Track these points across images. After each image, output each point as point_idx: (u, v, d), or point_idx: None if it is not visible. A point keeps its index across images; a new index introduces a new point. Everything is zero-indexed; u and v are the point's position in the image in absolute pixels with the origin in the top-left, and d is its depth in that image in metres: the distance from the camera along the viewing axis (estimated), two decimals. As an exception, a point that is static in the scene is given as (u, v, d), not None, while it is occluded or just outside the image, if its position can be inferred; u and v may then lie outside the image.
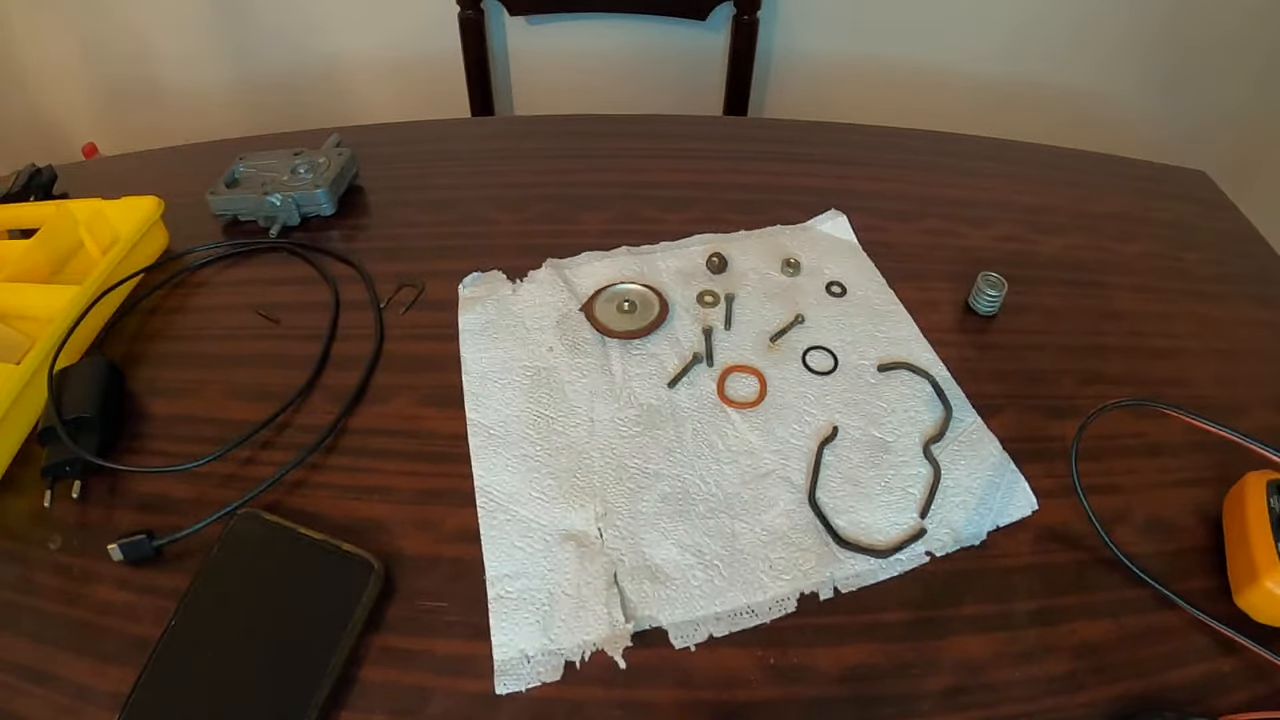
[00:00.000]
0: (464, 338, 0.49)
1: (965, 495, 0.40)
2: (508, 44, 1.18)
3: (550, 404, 0.45)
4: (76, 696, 0.34)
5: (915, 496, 0.40)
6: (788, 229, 0.57)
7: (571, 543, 0.38)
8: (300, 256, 0.56)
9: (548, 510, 0.40)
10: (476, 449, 0.43)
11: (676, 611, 0.36)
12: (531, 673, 0.34)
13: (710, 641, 0.35)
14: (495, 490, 0.41)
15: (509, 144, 0.69)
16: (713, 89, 1.15)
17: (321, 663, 0.33)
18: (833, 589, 0.37)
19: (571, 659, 0.34)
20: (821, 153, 0.66)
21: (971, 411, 0.44)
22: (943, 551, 0.38)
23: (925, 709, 0.33)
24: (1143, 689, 0.33)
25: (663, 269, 0.53)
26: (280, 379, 0.47)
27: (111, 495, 0.41)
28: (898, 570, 0.37)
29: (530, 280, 0.53)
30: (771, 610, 0.36)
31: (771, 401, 0.45)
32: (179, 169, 0.67)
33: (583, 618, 0.36)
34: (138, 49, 1.21)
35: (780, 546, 0.38)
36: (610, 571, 0.37)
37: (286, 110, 1.26)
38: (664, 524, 0.39)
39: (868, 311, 0.50)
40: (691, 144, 0.68)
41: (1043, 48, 1.10)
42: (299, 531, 0.37)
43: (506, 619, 0.36)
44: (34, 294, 0.50)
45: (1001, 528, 0.39)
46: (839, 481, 0.41)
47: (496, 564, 0.38)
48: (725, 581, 0.37)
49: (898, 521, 0.39)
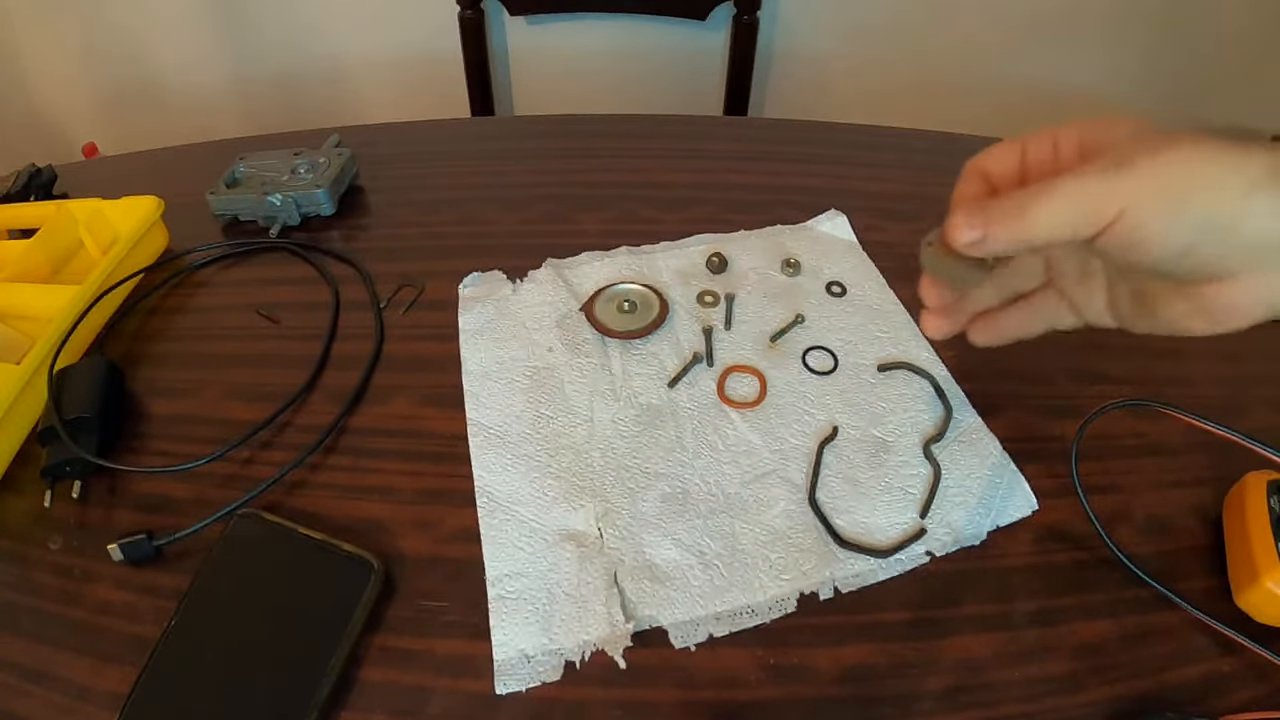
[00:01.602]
0: (464, 337, 0.49)
1: (965, 495, 0.40)
2: (508, 44, 1.18)
3: (550, 404, 0.45)
4: (76, 696, 0.34)
5: (915, 496, 0.40)
6: (788, 229, 0.57)
7: (571, 542, 0.38)
8: (300, 256, 0.56)
9: (548, 510, 0.40)
10: (476, 449, 0.43)
11: (677, 611, 0.36)
12: (531, 673, 0.34)
13: (710, 641, 0.35)
14: (495, 490, 0.41)
15: (509, 144, 0.69)
16: (713, 89, 1.15)
17: (321, 663, 0.33)
18: (833, 589, 0.37)
19: (572, 659, 0.34)
20: (821, 153, 0.66)
21: (971, 411, 0.44)
22: (943, 551, 0.38)
23: (925, 709, 0.33)
24: (1143, 689, 0.33)
25: (663, 269, 0.53)
26: (280, 379, 0.47)
27: (111, 495, 0.41)
28: (898, 570, 0.37)
29: (530, 280, 0.53)
30: (771, 610, 0.36)
31: (771, 401, 0.45)
32: (179, 169, 0.67)
33: (583, 618, 0.35)
34: (138, 49, 1.21)
35: (780, 546, 0.38)
36: (610, 571, 0.37)
37: (286, 110, 1.26)
38: (664, 524, 0.39)
39: (868, 311, 0.50)
40: (691, 144, 0.68)
41: (1044, 47, 1.10)
42: (299, 531, 0.37)
43: (506, 619, 0.36)
44: (34, 294, 0.50)
45: (1002, 528, 0.39)
46: (839, 481, 0.41)
47: (496, 564, 0.38)
48: (725, 581, 0.37)
49: (898, 521, 0.39)
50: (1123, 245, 0.27)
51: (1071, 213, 0.27)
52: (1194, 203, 0.26)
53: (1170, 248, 0.27)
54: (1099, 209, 0.26)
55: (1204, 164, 0.26)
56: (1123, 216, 0.26)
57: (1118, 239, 0.27)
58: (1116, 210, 0.26)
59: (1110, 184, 0.26)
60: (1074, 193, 0.27)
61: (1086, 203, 0.27)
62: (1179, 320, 0.30)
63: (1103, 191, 0.26)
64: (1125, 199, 0.26)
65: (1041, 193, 0.27)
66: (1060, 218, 0.27)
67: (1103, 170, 0.26)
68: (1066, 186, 0.27)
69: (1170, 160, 0.26)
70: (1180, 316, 0.30)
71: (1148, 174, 0.26)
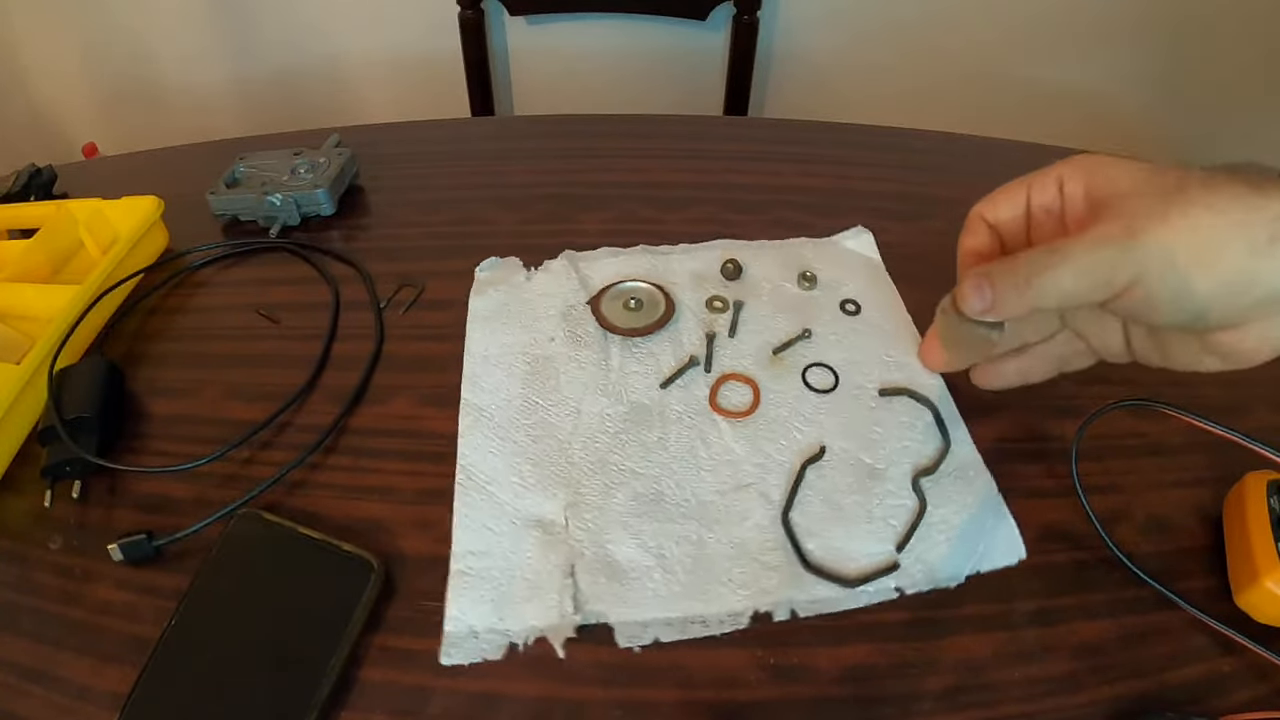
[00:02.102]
0: (472, 319, 0.50)
1: (948, 533, 0.38)
2: (508, 44, 1.18)
3: (543, 392, 0.45)
4: (76, 696, 0.34)
5: (896, 528, 0.38)
6: (811, 242, 0.56)
7: (538, 529, 0.39)
8: (300, 256, 0.56)
9: (521, 495, 0.40)
10: (465, 428, 0.43)
11: (627, 610, 0.36)
12: (476, 649, 0.34)
13: (710, 641, 0.35)
14: (476, 469, 0.41)
15: (509, 144, 0.69)
16: (713, 89, 1.15)
17: (321, 663, 0.33)
18: (790, 611, 0.36)
19: (516, 642, 0.35)
20: (821, 153, 0.66)
21: (971, 446, 0.42)
22: (914, 589, 0.36)
23: (925, 709, 0.33)
24: (1143, 689, 0.33)
25: (678, 270, 0.53)
26: (280, 379, 0.47)
27: (111, 495, 0.41)
28: (863, 602, 0.36)
29: (544, 270, 0.53)
30: (723, 624, 0.35)
31: (762, 414, 0.44)
32: (179, 169, 0.67)
33: (534, 604, 0.36)
34: (138, 49, 1.21)
35: (745, 561, 0.37)
36: (569, 562, 0.37)
37: (286, 110, 1.26)
38: (632, 522, 0.39)
39: (879, 333, 0.49)
40: (691, 144, 0.68)
41: (1045, 46, 1.10)
42: (299, 531, 0.37)
43: (464, 595, 0.36)
44: (34, 294, 0.50)
45: (983, 574, 0.37)
46: (818, 503, 0.39)
47: (464, 540, 0.38)
48: (682, 588, 0.36)
49: (873, 552, 0.37)
50: (1134, 311, 0.27)
51: (1082, 283, 0.27)
52: (1207, 272, 0.25)
53: (1183, 314, 0.27)
54: (1109, 280, 0.26)
55: (1217, 230, 0.25)
56: (1134, 287, 0.26)
57: (1129, 305, 0.27)
58: (1127, 280, 0.26)
59: (1121, 256, 0.26)
60: (1084, 264, 0.27)
61: (1097, 273, 0.27)
62: (1193, 361, 0.30)
63: (1114, 263, 0.26)
64: (1136, 270, 0.26)
65: (1050, 262, 0.27)
66: (1069, 286, 0.27)
67: (1113, 240, 0.26)
68: (1077, 257, 0.27)
69: (1180, 229, 0.25)
70: (1194, 358, 0.30)
71: (1157, 246, 0.26)
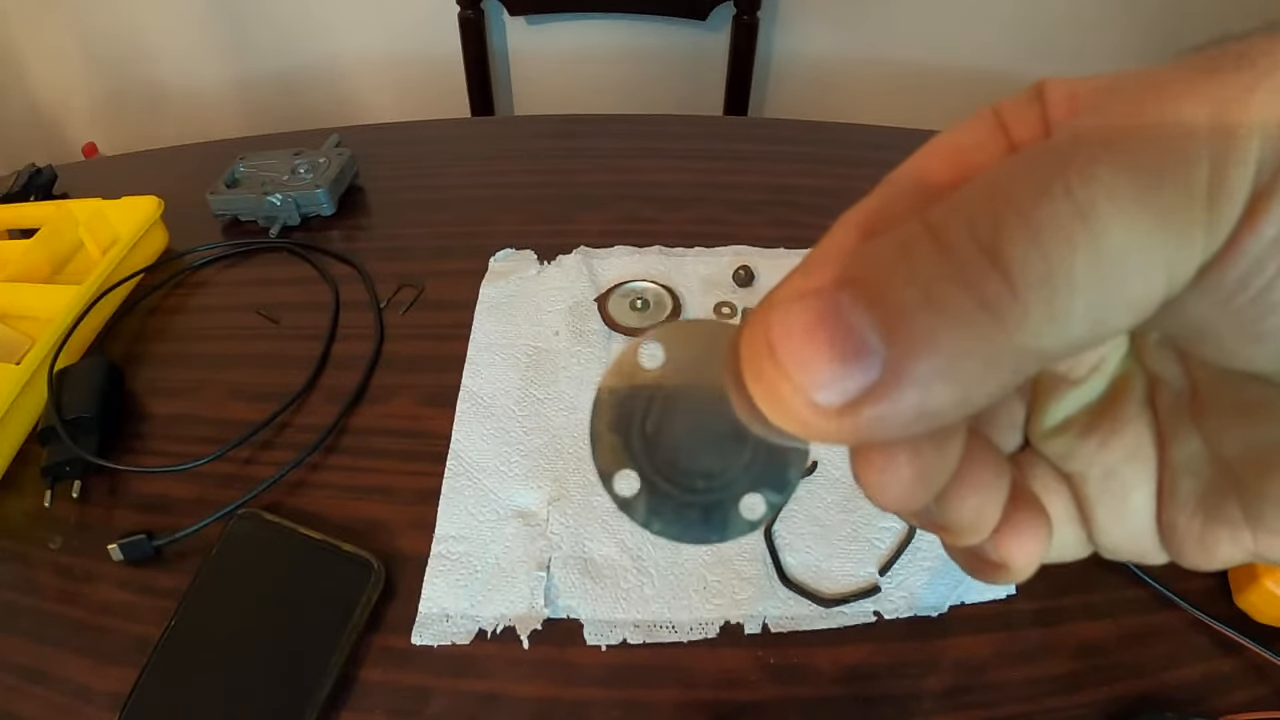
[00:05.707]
0: (480, 308, 0.50)
1: (935, 561, 0.37)
2: (508, 44, 1.18)
3: (541, 385, 0.45)
4: (76, 696, 0.34)
5: (881, 551, 0.38)
6: None
7: (519, 519, 0.39)
8: (300, 256, 0.56)
9: (507, 485, 0.40)
10: (462, 414, 0.44)
11: (597, 609, 0.36)
12: (446, 631, 0.35)
13: (710, 641, 0.35)
14: (467, 456, 0.42)
15: (509, 144, 0.69)
16: (713, 89, 1.14)
17: (321, 663, 0.33)
18: (761, 625, 0.35)
19: (485, 628, 0.35)
20: (821, 153, 0.66)
21: None
22: (893, 615, 0.35)
23: (925, 709, 0.33)
24: (1143, 689, 0.33)
25: (690, 273, 0.53)
26: (280, 379, 0.47)
27: (111, 495, 0.41)
28: (839, 623, 0.35)
29: (557, 264, 0.53)
30: (692, 631, 0.35)
31: None
32: (179, 169, 0.67)
33: (506, 592, 0.36)
34: (138, 49, 1.21)
35: (722, 570, 0.37)
36: (546, 555, 0.38)
37: (286, 110, 1.26)
38: (613, 522, 0.39)
39: None
40: (691, 144, 0.68)
41: (1045, 46, 1.10)
42: (299, 531, 0.37)
43: (441, 578, 0.37)
44: (34, 294, 0.50)
45: (966, 605, 0.36)
46: (804, 520, 0.39)
47: (447, 524, 0.39)
48: (655, 591, 0.36)
49: (855, 573, 0.37)
50: (1237, 309, 0.10)
51: (1155, 254, 0.08)
52: None
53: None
54: (1213, 222, 0.11)
55: None
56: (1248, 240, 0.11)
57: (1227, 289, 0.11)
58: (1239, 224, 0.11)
59: (1235, 168, 0.09)
60: (1155, 204, 0.11)
61: (1190, 210, 0.10)
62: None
63: (1222, 181, 0.11)
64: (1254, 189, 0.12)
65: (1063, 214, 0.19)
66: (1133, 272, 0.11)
67: (1198, 139, 0.12)
68: (1133, 193, 0.18)
69: None
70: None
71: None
